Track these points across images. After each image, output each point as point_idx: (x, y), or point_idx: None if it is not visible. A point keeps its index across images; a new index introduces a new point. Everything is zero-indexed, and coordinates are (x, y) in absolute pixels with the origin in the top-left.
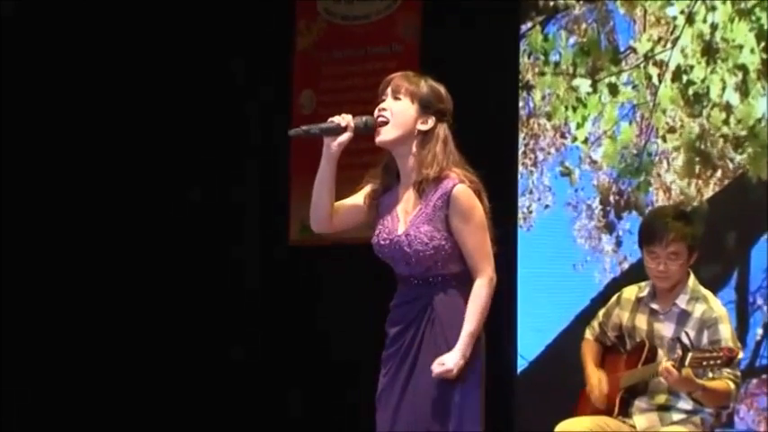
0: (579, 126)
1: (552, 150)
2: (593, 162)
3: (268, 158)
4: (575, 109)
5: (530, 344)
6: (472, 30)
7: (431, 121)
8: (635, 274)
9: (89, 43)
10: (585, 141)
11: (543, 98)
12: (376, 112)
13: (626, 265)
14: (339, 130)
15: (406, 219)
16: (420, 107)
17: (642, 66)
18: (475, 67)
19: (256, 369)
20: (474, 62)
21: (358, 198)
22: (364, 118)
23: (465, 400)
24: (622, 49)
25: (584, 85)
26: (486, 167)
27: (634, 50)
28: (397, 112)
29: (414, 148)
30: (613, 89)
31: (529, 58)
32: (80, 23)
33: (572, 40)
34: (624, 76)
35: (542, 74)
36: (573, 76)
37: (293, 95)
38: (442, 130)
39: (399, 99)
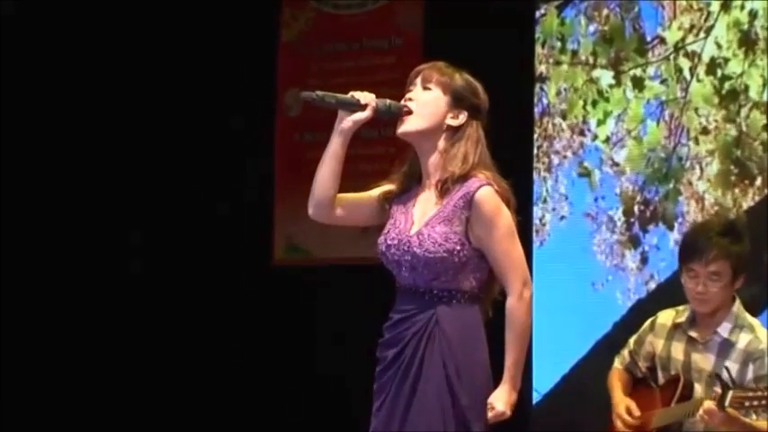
0: (600, 123)
1: (569, 153)
2: (616, 164)
3: (249, 167)
4: (595, 104)
5: (544, 374)
6: (481, 19)
7: (462, 117)
8: (663, 295)
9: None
10: (607, 141)
11: (558, 93)
12: (403, 100)
13: (652, 286)
14: (358, 106)
15: (421, 220)
16: (452, 100)
17: (672, 57)
18: (485, 62)
19: (233, 398)
20: (484, 56)
21: (372, 193)
22: (388, 101)
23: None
24: (649, 38)
25: (605, 76)
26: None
27: (662, 40)
28: (426, 103)
29: (440, 144)
30: (639, 83)
31: (543, 47)
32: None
33: (592, 27)
34: (651, 69)
35: (558, 63)
36: (593, 67)
37: (277, 95)
38: (475, 128)
39: (429, 89)
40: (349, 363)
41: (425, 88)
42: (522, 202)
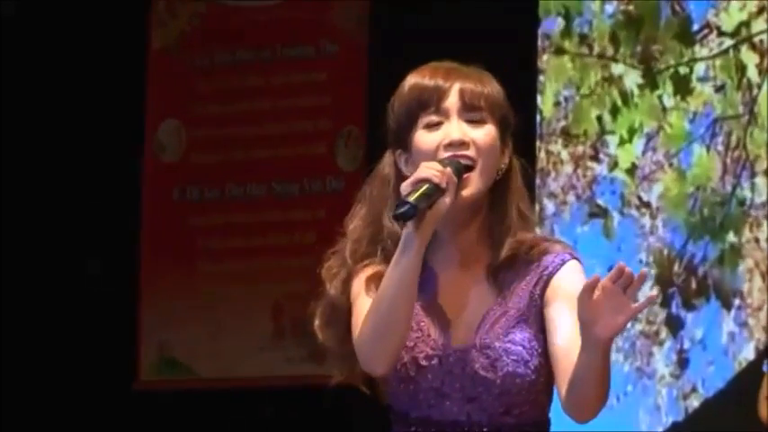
0: (623, 142)
1: (570, 197)
2: (645, 205)
3: (105, 252)
4: (616, 113)
5: None
6: (454, 15)
7: (507, 152)
8: (712, 419)
9: None
10: (632, 171)
11: (558, 103)
12: (437, 140)
13: (695, 403)
14: (437, 192)
15: (474, 321)
16: (499, 127)
17: (731, 51)
18: None
19: None
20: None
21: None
22: (447, 161)
23: None
24: (696, 25)
25: (631, 74)
26: None
27: (716, 28)
28: (488, 146)
29: (484, 205)
30: (682, 86)
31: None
32: None
33: (611, 7)
34: (700, 68)
35: (559, 51)
36: (612, 60)
37: (146, 129)
38: (516, 165)
39: (481, 121)
40: None
41: (473, 120)
42: None
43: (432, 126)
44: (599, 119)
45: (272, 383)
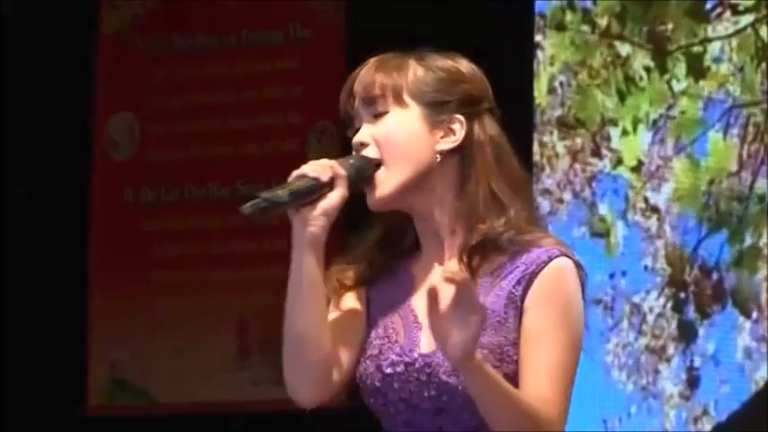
0: (626, 133)
1: (566, 194)
2: (653, 211)
3: (48, 262)
4: (623, 97)
5: None
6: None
7: (458, 125)
8: None
9: None
10: (638, 169)
11: (552, 91)
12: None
13: (707, 427)
14: (321, 187)
15: None
16: (429, 109)
17: (750, 29)
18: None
19: None
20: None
21: (347, 303)
22: (351, 159)
23: None
24: (711, 0)
25: (638, 55)
26: None
27: (732, 4)
28: (392, 136)
29: (441, 189)
30: (696, 67)
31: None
32: None
33: None
34: (715, 47)
35: (560, 28)
36: (619, 39)
37: (95, 123)
38: (486, 131)
39: (382, 112)
40: None
41: (376, 114)
42: None
43: (349, 128)
44: (601, 108)
45: (237, 409)
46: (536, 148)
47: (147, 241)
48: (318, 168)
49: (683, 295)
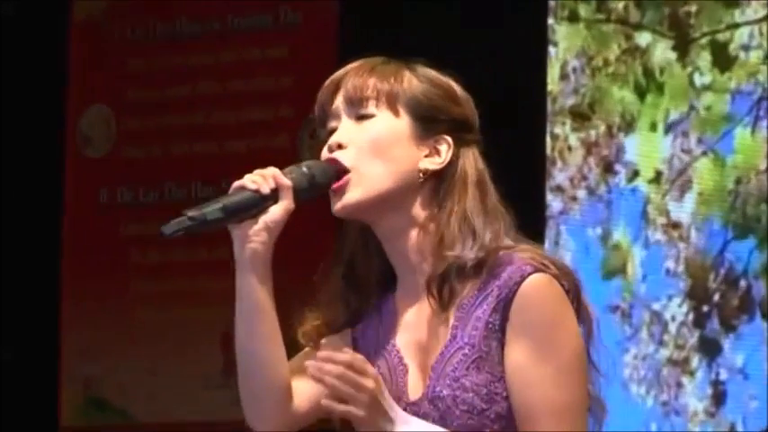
0: (643, 133)
1: (581, 192)
2: (674, 227)
3: (15, 269)
4: (641, 94)
5: None
6: None
7: (445, 147)
8: None
9: None
10: (657, 180)
11: (564, 77)
12: (324, 151)
13: None
14: (262, 199)
15: (424, 362)
16: (418, 123)
17: None
18: (454, 55)
19: None
20: (451, 43)
21: (330, 340)
22: (305, 166)
23: None
24: None
25: (658, 45)
26: None
27: None
28: (372, 141)
29: (417, 211)
30: (721, 56)
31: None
32: None
33: None
34: (743, 33)
35: (573, 18)
36: (638, 28)
37: (67, 117)
38: (472, 160)
39: (369, 115)
40: None
41: (361, 116)
42: None
43: (330, 134)
44: (619, 104)
45: (222, 429)
46: (546, 139)
47: (125, 246)
48: (259, 179)
49: (705, 308)
